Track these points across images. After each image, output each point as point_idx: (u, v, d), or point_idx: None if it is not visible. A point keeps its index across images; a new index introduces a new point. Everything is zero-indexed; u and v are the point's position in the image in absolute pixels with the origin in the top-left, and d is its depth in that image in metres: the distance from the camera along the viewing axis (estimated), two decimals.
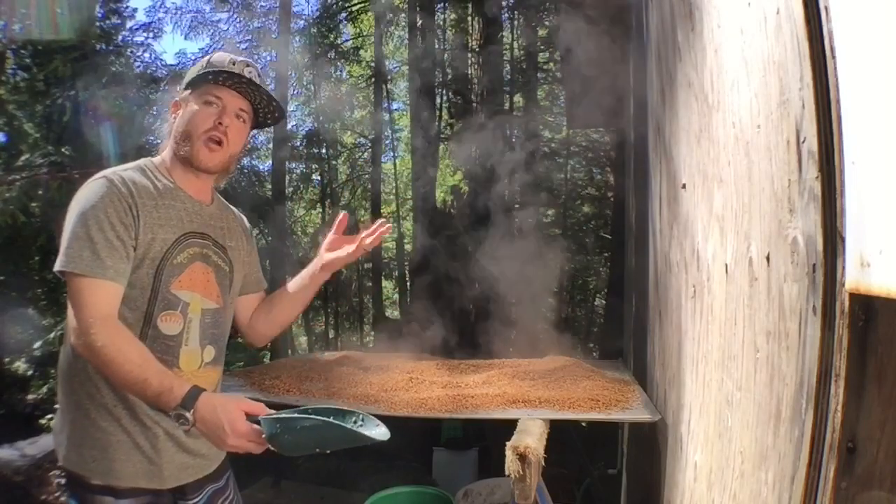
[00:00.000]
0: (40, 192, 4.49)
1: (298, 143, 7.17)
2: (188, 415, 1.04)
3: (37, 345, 5.37)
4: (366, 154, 8.09)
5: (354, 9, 7.12)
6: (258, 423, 1.04)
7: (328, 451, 1.06)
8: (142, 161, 1.29)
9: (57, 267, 1.11)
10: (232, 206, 1.45)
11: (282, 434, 1.03)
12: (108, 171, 1.19)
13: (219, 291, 1.31)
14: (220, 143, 1.26)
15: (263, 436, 1.04)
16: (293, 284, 1.48)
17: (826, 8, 0.62)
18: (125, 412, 1.17)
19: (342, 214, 1.48)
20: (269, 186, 6.47)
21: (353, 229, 1.46)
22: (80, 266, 1.09)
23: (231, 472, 1.40)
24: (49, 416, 5.21)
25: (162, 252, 1.20)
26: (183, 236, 1.24)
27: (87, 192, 1.15)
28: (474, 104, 5.63)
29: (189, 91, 1.28)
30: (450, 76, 6.39)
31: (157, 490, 1.19)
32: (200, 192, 1.31)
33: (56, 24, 4.85)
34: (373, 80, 7.17)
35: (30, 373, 5.87)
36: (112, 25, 6.18)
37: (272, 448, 1.05)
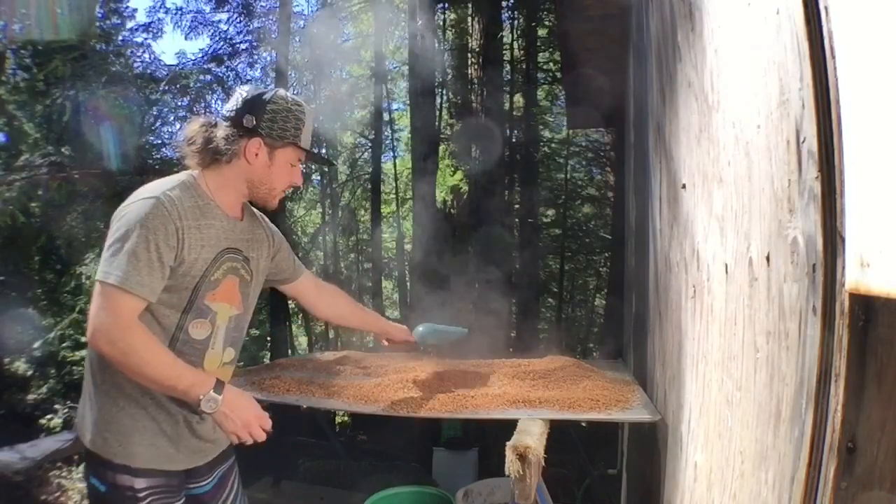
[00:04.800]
0: (40, 192, 4.49)
1: None
2: (219, 397, 1.22)
3: (37, 345, 5.37)
4: (366, 154, 8.09)
5: (354, 9, 7.12)
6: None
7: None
8: (185, 176, 1.34)
9: (100, 276, 1.19)
10: (259, 214, 1.56)
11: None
12: (157, 192, 1.25)
13: (241, 299, 1.43)
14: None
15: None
16: (360, 312, 1.89)
17: (826, 8, 0.62)
18: (151, 401, 1.29)
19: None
20: None
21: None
22: (122, 279, 1.18)
23: (234, 456, 1.56)
24: (49, 416, 5.21)
25: (202, 270, 1.31)
26: (220, 253, 1.35)
27: (140, 210, 1.21)
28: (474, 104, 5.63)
29: (273, 141, 1.37)
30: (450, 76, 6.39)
31: (169, 472, 1.31)
32: (234, 209, 1.42)
33: (56, 24, 4.85)
34: (373, 80, 7.17)
35: (30, 373, 5.87)
36: (112, 25, 6.18)
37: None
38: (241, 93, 1.40)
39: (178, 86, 5.44)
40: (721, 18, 1.08)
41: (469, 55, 5.92)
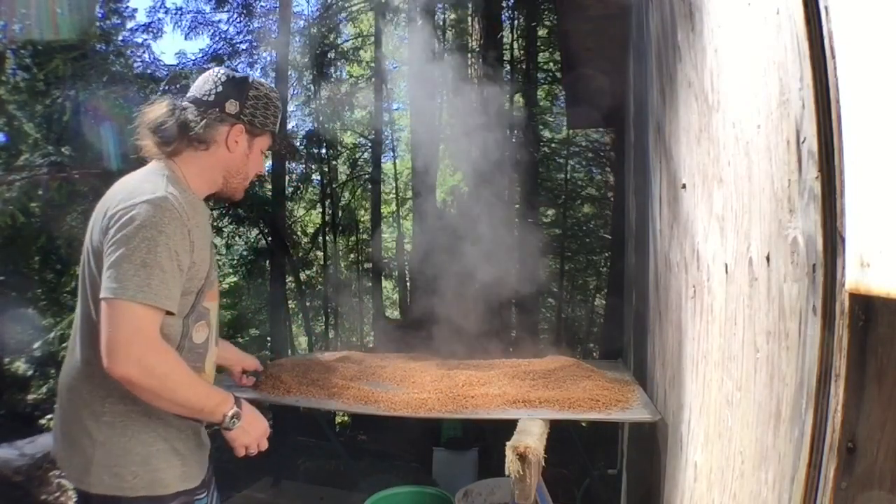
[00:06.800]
0: (40, 192, 4.48)
1: (298, 143, 7.16)
2: (241, 412, 1.20)
3: (37, 345, 5.37)
4: (366, 154, 8.08)
5: (354, 9, 7.12)
6: None
7: None
8: (164, 169, 1.23)
9: (117, 294, 1.04)
10: None
11: None
12: (160, 190, 1.14)
13: (216, 292, 1.36)
14: None
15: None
16: (226, 344, 1.75)
17: (826, 8, 0.62)
18: (159, 421, 1.19)
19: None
20: (270, 186, 6.46)
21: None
22: (151, 296, 1.06)
23: None
24: (49, 416, 5.20)
25: (206, 270, 1.23)
26: (210, 248, 1.28)
27: (152, 214, 1.09)
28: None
29: (253, 129, 1.31)
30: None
31: (188, 490, 1.22)
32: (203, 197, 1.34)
33: (56, 24, 4.84)
34: (373, 80, 7.17)
35: (30, 373, 5.87)
36: (112, 25, 6.18)
37: None
38: (217, 75, 1.29)
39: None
40: (721, 18, 1.08)
41: (469, 55, 5.92)
